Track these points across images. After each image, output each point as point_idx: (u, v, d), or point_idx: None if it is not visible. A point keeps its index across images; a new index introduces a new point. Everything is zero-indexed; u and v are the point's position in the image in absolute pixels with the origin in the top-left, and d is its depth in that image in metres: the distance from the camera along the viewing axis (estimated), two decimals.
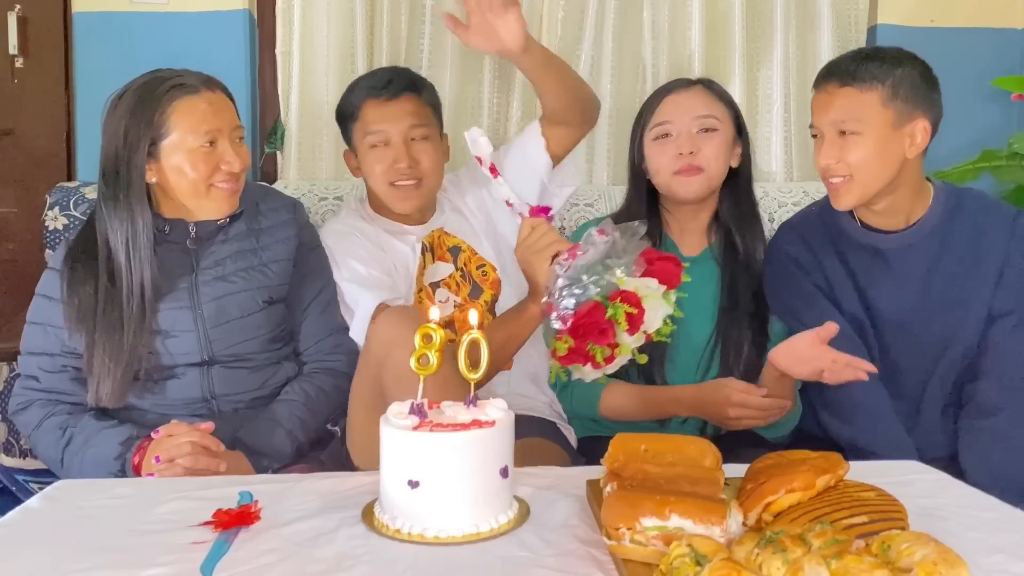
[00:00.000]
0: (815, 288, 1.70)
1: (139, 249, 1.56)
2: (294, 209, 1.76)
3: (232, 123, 1.62)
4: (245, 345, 1.63)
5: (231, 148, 1.59)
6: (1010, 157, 2.33)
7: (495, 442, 1.03)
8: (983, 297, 1.64)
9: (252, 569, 0.94)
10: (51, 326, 1.60)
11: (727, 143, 1.79)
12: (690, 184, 1.77)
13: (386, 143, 1.77)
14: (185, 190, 1.59)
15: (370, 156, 1.78)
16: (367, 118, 1.78)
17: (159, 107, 1.55)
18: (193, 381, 1.61)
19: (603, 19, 2.48)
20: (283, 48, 2.46)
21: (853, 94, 1.56)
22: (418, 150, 1.78)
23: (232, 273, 1.64)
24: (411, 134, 1.77)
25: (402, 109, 1.77)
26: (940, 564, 0.79)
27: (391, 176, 1.77)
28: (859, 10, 2.57)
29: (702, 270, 1.81)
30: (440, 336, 1.07)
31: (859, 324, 1.68)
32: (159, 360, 1.60)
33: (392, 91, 1.77)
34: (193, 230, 1.64)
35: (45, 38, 2.43)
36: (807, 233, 1.73)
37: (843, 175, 1.59)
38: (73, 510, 1.12)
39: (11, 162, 2.44)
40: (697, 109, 1.78)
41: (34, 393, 1.61)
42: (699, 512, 0.92)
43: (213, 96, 1.59)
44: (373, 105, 1.78)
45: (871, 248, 1.67)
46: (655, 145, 1.80)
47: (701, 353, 1.79)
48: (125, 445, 1.50)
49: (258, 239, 1.68)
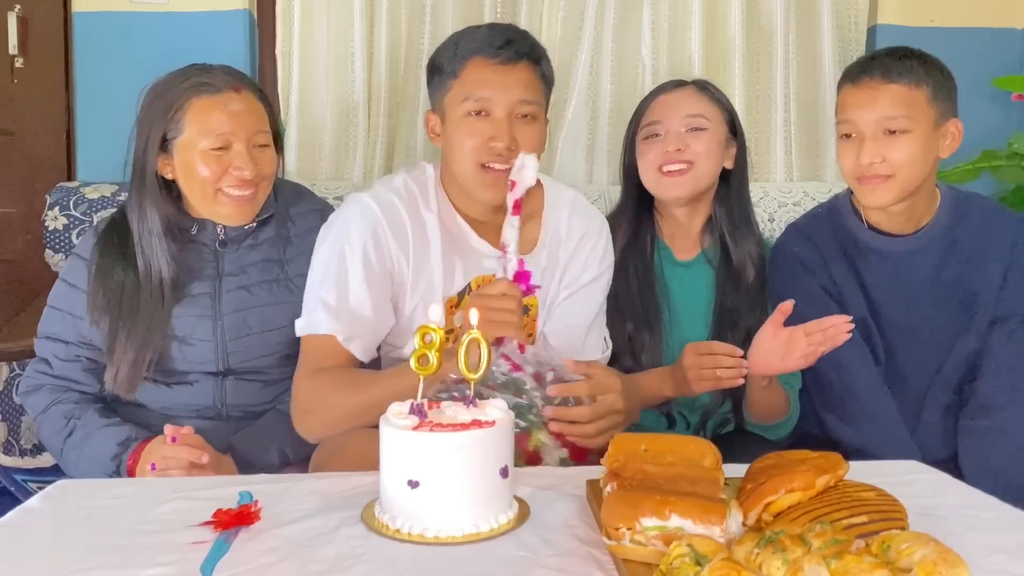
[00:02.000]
0: (821, 290, 1.69)
1: (152, 243, 1.57)
2: (320, 217, 1.68)
3: (253, 128, 1.56)
4: (262, 360, 1.62)
5: (246, 153, 1.54)
6: (1010, 157, 2.33)
7: (495, 442, 1.02)
8: (988, 301, 1.64)
9: (252, 569, 0.94)
10: (70, 314, 1.60)
11: (718, 143, 1.76)
12: (676, 184, 1.74)
13: (487, 113, 1.50)
14: (195, 191, 1.58)
15: (464, 125, 1.50)
16: (471, 78, 1.50)
17: (176, 103, 1.53)
18: (206, 389, 1.61)
19: (603, 19, 2.48)
20: (283, 48, 2.47)
21: (903, 91, 1.54)
22: (522, 130, 1.50)
23: (256, 284, 1.62)
24: (519, 110, 1.50)
25: (516, 78, 1.49)
26: (940, 564, 0.79)
27: (483, 155, 1.49)
28: (859, 10, 2.58)
29: (696, 275, 1.81)
30: (440, 336, 1.07)
31: (865, 326, 1.67)
32: (175, 365, 1.60)
33: (509, 54, 1.49)
34: (221, 232, 1.62)
35: (45, 38, 2.43)
36: (814, 235, 1.72)
37: (885, 174, 1.56)
38: (73, 510, 1.12)
39: (11, 162, 2.44)
40: (686, 108, 1.76)
41: (45, 377, 1.61)
42: (699, 512, 0.92)
43: (235, 97, 1.55)
44: (481, 65, 1.49)
45: (879, 251, 1.67)
46: (644, 144, 1.79)
47: None
48: (122, 446, 1.50)
49: (285, 249, 1.65)
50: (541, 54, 1.55)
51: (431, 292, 1.54)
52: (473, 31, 1.55)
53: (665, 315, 1.77)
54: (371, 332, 1.53)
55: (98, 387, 1.61)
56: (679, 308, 1.79)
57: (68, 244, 2.05)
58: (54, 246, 2.08)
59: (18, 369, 1.95)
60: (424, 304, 1.51)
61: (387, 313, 1.55)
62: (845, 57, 2.56)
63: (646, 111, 1.81)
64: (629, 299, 1.76)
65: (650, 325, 1.75)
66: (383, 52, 2.44)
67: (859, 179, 1.59)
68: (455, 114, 1.52)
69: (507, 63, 1.49)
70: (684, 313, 1.79)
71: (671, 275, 1.81)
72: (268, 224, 1.66)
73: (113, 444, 1.51)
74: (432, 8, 2.44)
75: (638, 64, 2.52)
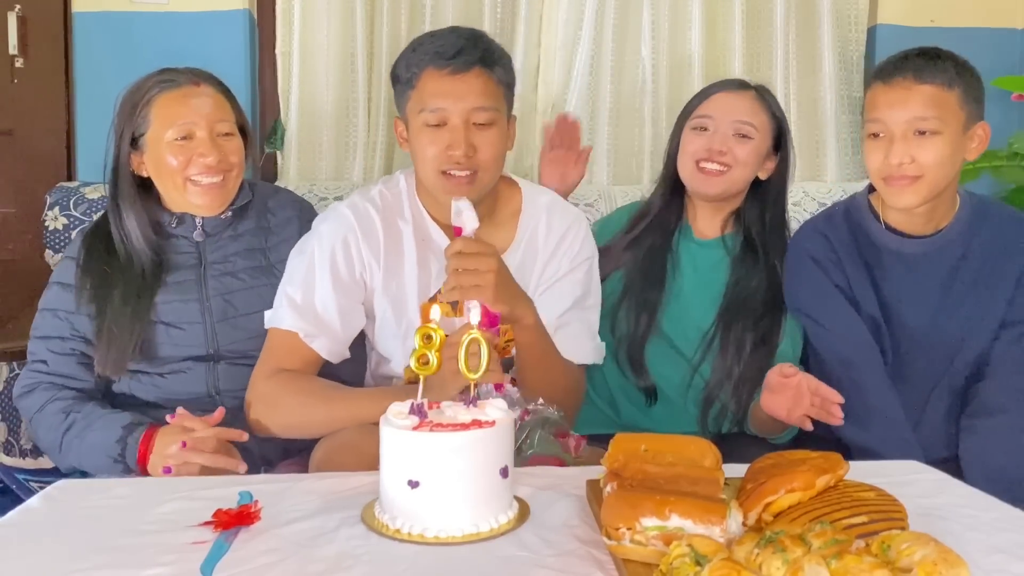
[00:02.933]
0: (834, 287, 1.69)
1: (131, 239, 1.63)
2: (299, 208, 1.75)
3: (215, 117, 1.62)
4: (251, 342, 1.62)
5: (208, 141, 1.60)
6: (1010, 157, 2.33)
7: (495, 442, 1.02)
8: (999, 305, 1.65)
9: (252, 569, 0.94)
10: (63, 310, 1.64)
11: (760, 154, 1.79)
12: (710, 183, 1.78)
13: (443, 123, 1.50)
14: (166, 183, 1.63)
15: (423, 136, 1.52)
16: (425, 90, 1.51)
17: (141, 101, 1.60)
18: (199, 376, 1.63)
19: (603, 19, 2.48)
20: (283, 48, 2.47)
21: (935, 92, 1.54)
22: (479, 137, 1.51)
23: (241, 270, 1.66)
24: (474, 117, 1.50)
25: (468, 87, 1.49)
26: (940, 564, 0.79)
27: (443, 163, 1.51)
28: (859, 10, 2.58)
29: (710, 255, 1.83)
30: (440, 336, 1.07)
31: (875, 325, 1.68)
32: (164, 351, 1.62)
33: (460, 63, 1.49)
34: (200, 224, 1.66)
35: (45, 38, 2.43)
36: (831, 232, 1.72)
37: (913, 175, 1.55)
38: (73, 510, 1.12)
39: (11, 162, 2.44)
40: (739, 113, 1.78)
41: (40, 376, 1.62)
42: (699, 512, 0.92)
43: (195, 90, 1.62)
44: (435, 76, 1.50)
45: (894, 251, 1.66)
46: (690, 135, 1.81)
47: (699, 339, 1.77)
48: (127, 429, 1.50)
49: (266, 239, 1.70)
50: (495, 59, 1.53)
51: (402, 297, 1.58)
52: (428, 39, 1.55)
53: (669, 283, 1.80)
54: (334, 334, 1.55)
55: (93, 383, 1.62)
56: (686, 282, 1.81)
57: (68, 244, 2.05)
58: (54, 246, 2.08)
59: (18, 369, 1.95)
60: (394, 308, 1.58)
61: (354, 317, 1.58)
62: (845, 57, 2.57)
63: (702, 103, 1.83)
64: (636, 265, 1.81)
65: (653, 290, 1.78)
66: (383, 52, 2.45)
67: (886, 179, 1.58)
68: (415, 123, 1.53)
69: (459, 72, 1.49)
70: (693, 289, 1.81)
71: (685, 250, 1.84)
72: (247, 216, 1.70)
73: (118, 427, 1.51)
74: (432, 8, 2.45)
75: (638, 64, 2.52)
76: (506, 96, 1.57)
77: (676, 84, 2.51)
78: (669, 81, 2.50)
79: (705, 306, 1.79)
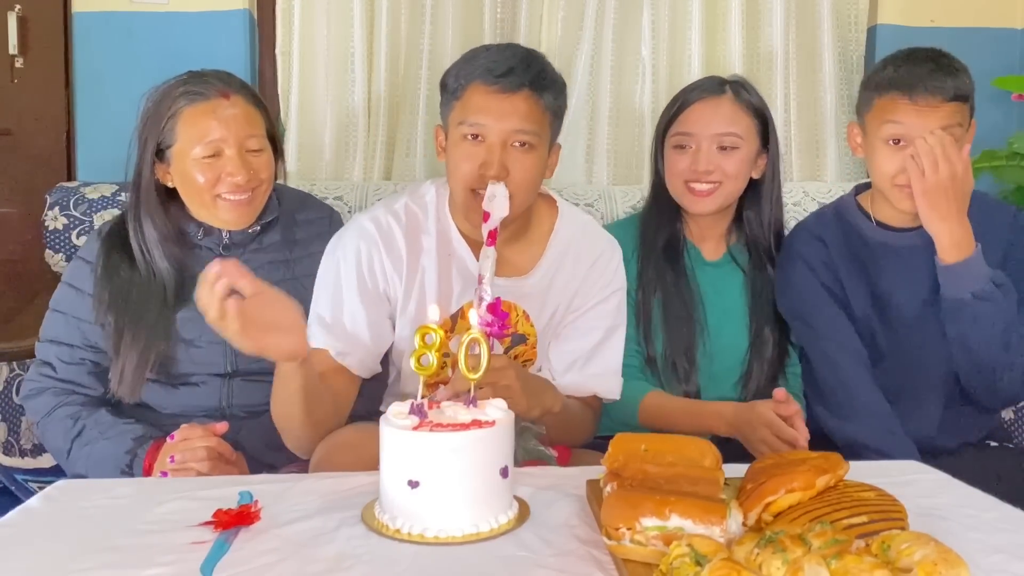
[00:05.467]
0: (826, 291, 1.71)
1: (151, 251, 1.58)
2: (330, 220, 1.68)
3: (244, 133, 1.56)
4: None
5: (237, 159, 1.55)
6: (1010, 157, 2.33)
7: (495, 442, 1.02)
8: None
9: (252, 569, 0.94)
10: (75, 317, 1.61)
11: (749, 160, 1.76)
12: (703, 203, 1.75)
13: (481, 139, 1.47)
14: (193, 198, 1.59)
15: (460, 148, 1.49)
16: (470, 103, 1.47)
17: (168, 112, 1.55)
18: (213, 391, 1.61)
19: (603, 19, 2.48)
20: (283, 48, 2.47)
21: (957, 108, 1.58)
22: (515, 159, 1.46)
23: None
24: (513, 139, 1.46)
25: (513, 107, 1.45)
26: (940, 564, 0.79)
27: (474, 182, 1.47)
28: (859, 10, 2.58)
29: (724, 274, 1.82)
30: (439, 336, 1.07)
31: (868, 324, 1.70)
32: (181, 368, 1.59)
33: (509, 83, 1.45)
34: (226, 237, 1.63)
35: (45, 38, 2.43)
36: (823, 233, 1.75)
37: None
38: (73, 510, 1.12)
39: (11, 162, 2.44)
40: (719, 125, 1.73)
41: (49, 380, 1.61)
42: (699, 512, 0.92)
43: (225, 103, 1.56)
44: (481, 91, 1.46)
45: (887, 246, 1.70)
46: (673, 153, 1.78)
47: (741, 359, 1.78)
48: (138, 442, 1.50)
49: (291, 251, 1.66)
50: (547, 84, 1.49)
51: (421, 315, 1.54)
52: (484, 52, 1.52)
53: (701, 316, 1.77)
54: (366, 349, 1.53)
55: (102, 390, 1.61)
56: (712, 309, 1.79)
57: (68, 244, 2.05)
58: (54, 246, 2.08)
59: (18, 369, 1.94)
60: (413, 326, 1.51)
61: (384, 331, 1.56)
62: (845, 57, 2.57)
63: (678, 118, 1.78)
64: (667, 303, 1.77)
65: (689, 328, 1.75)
66: (383, 53, 2.44)
67: (902, 187, 1.61)
68: (454, 135, 1.51)
69: (506, 91, 1.45)
70: (718, 315, 1.79)
71: (702, 276, 1.81)
72: (273, 228, 1.66)
73: (129, 439, 1.50)
74: (432, 8, 2.44)
75: (638, 64, 2.52)
76: (552, 123, 1.52)
77: (676, 84, 2.50)
78: (669, 81, 2.50)
79: (736, 326, 1.79)
